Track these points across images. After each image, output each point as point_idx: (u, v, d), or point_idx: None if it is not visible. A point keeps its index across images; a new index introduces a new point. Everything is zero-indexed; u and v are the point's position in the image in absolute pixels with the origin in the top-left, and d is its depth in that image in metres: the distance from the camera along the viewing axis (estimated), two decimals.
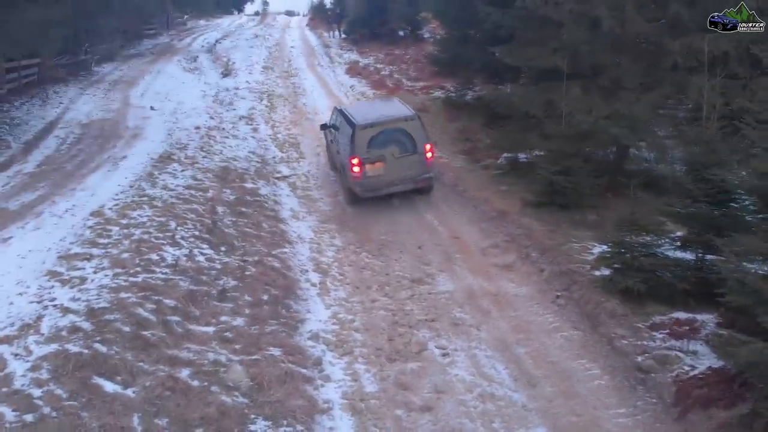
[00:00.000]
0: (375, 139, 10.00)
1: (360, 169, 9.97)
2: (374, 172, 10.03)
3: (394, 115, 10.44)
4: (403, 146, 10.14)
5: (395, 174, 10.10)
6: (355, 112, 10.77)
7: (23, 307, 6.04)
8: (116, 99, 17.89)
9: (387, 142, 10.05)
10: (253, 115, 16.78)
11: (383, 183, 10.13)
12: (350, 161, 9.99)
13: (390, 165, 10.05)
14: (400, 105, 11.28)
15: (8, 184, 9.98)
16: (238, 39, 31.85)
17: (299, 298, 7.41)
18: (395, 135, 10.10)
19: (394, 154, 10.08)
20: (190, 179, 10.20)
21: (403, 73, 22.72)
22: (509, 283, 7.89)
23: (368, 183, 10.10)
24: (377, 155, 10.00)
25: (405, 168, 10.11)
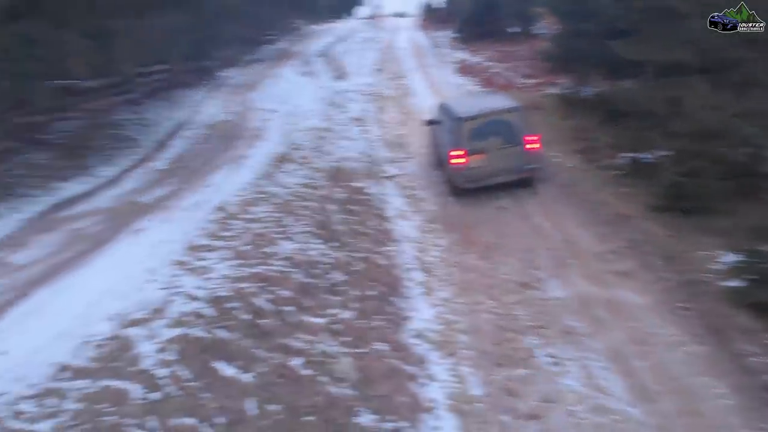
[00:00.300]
0: (477, 130, 10.10)
1: (463, 160, 10.12)
2: (476, 163, 10.15)
3: (497, 107, 10.51)
4: (506, 138, 10.17)
5: (497, 165, 10.14)
6: (458, 105, 10.91)
7: (153, 293, 6.59)
8: (238, 102, 19.04)
9: (489, 133, 10.12)
10: (364, 117, 17.16)
11: (485, 174, 10.22)
12: (452, 153, 10.20)
13: (492, 156, 10.13)
14: (503, 97, 11.34)
15: (142, 180, 10.95)
16: (350, 43, 32.75)
17: (403, 296, 7.47)
18: (497, 126, 10.15)
19: (496, 145, 10.14)
20: (305, 178, 10.63)
21: (515, 70, 22.22)
22: (627, 291, 7.43)
23: (470, 174, 10.23)
24: (479, 147, 10.12)
25: (507, 159, 10.15)
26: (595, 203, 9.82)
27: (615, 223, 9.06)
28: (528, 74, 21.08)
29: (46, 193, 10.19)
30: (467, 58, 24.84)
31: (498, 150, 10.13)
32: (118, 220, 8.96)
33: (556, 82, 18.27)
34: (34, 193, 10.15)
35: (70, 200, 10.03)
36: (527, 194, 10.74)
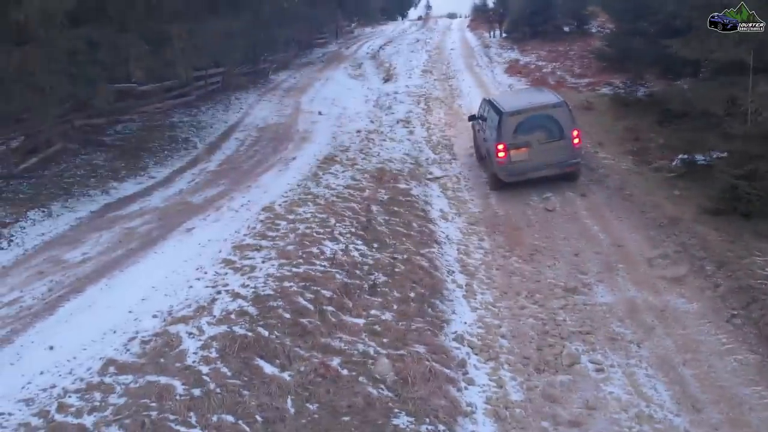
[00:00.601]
0: (521, 125, 10.30)
1: (505, 154, 10.30)
2: (519, 156, 10.35)
3: (541, 102, 10.70)
4: (550, 132, 10.32)
5: (540, 159, 10.32)
6: (503, 101, 11.13)
7: (200, 290, 6.79)
8: (289, 105, 19.41)
9: (533, 128, 10.32)
10: (410, 118, 17.16)
11: (528, 168, 10.40)
12: (496, 147, 10.38)
13: (535, 150, 10.30)
14: (548, 92, 11.56)
15: (193, 181, 11.30)
16: (399, 44, 32.81)
17: (445, 298, 7.43)
18: (541, 121, 10.33)
19: (540, 139, 10.32)
20: (350, 179, 10.73)
21: (567, 69, 21.76)
22: (678, 297, 7.17)
23: (513, 168, 10.43)
24: (523, 141, 10.30)
25: (550, 153, 10.31)
26: (647, 206, 9.51)
27: (667, 226, 8.75)
28: (580, 74, 20.61)
29: (102, 193, 10.65)
30: (518, 58, 24.51)
31: (541, 144, 10.30)
32: (170, 219, 9.28)
33: (609, 81, 17.80)
34: (90, 192, 10.64)
35: (125, 200, 10.45)
36: (577, 196, 10.53)
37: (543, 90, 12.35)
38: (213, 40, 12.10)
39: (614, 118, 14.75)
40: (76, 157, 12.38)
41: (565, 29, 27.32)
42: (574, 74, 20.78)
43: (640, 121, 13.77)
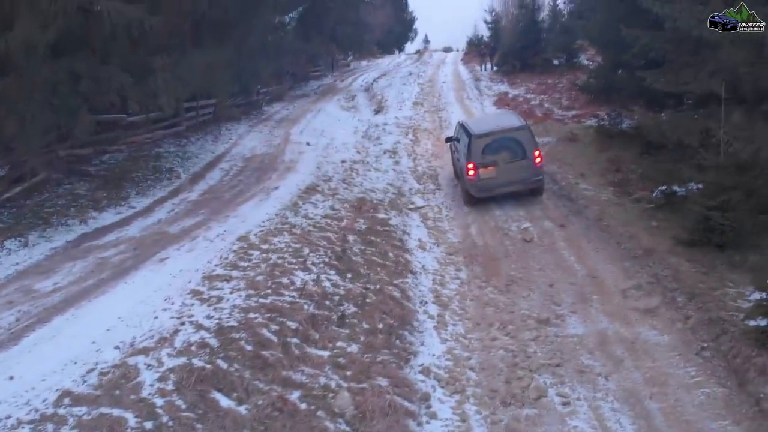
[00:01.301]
0: (489, 146, 11.30)
1: (475, 172, 11.30)
2: (487, 174, 11.32)
3: (506, 126, 11.72)
4: (514, 152, 11.30)
5: (506, 177, 11.29)
6: (473, 124, 12.21)
7: (165, 321, 6.70)
8: (279, 135, 19.52)
9: (499, 149, 11.33)
10: (397, 149, 17.27)
11: (495, 185, 11.39)
12: (467, 165, 11.39)
13: (501, 169, 11.29)
14: (513, 116, 12.68)
15: (173, 210, 11.28)
16: (393, 78, 33.22)
17: (415, 329, 7.34)
18: (506, 143, 11.34)
19: (505, 159, 11.29)
20: (329, 209, 10.73)
21: (555, 102, 21.99)
22: (649, 329, 7.08)
23: (482, 184, 11.42)
24: (490, 160, 11.27)
25: (515, 172, 11.29)
26: (624, 237, 9.48)
27: (642, 257, 8.71)
28: (567, 106, 20.84)
29: (80, 223, 10.62)
30: (507, 91, 24.81)
31: (507, 163, 11.27)
32: (145, 249, 9.23)
33: (595, 114, 17.95)
34: (69, 222, 10.61)
35: (102, 230, 10.41)
36: (555, 227, 10.51)
37: (509, 114, 13.64)
38: (197, 72, 12.24)
39: (598, 149, 14.84)
40: (59, 187, 12.39)
41: (554, 62, 27.72)
42: (562, 106, 21.00)
43: (622, 153, 13.84)
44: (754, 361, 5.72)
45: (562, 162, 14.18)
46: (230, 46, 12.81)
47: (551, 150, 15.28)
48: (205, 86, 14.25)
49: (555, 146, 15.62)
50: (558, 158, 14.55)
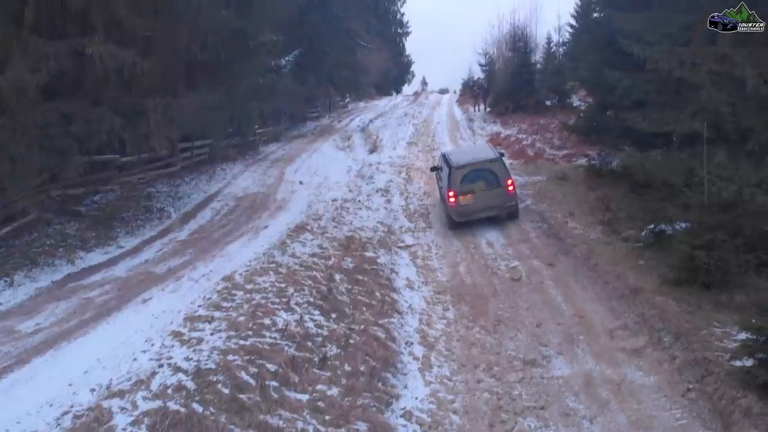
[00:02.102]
0: (467, 176, 12.52)
1: (455, 199, 12.51)
2: (466, 201, 12.53)
3: (482, 158, 12.97)
4: (488, 182, 12.53)
5: (482, 203, 12.52)
6: (453, 156, 13.43)
7: (144, 363, 6.60)
8: (273, 175, 19.66)
9: (476, 178, 12.53)
10: (390, 188, 17.35)
11: (473, 210, 12.56)
12: (448, 193, 12.64)
13: (478, 196, 12.49)
14: (489, 149, 14.05)
15: (161, 250, 11.25)
16: (389, 118, 33.66)
17: (399, 371, 7.21)
18: (482, 173, 12.57)
19: (481, 187, 12.49)
20: (317, 248, 10.70)
21: (547, 141, 22.20)
22: (636, 371, 6.97)
23: (461, 210, 12.60)
24: (468, 188, 12.46)
25: (490, 198, 12.48)
26: (611, 276, 9.44)
27: (629, 297, 8.64)
28: (559, 145, 21.01)
29: (67, 263, 10.59)
30: (499, 131, 25.09)
31: (483, 191, 12.48)
32: (129, 289, 9.17)
33: (586, 153, 18.11)
34: (56, 263, 10.58)
35: (89, 270, 10.38)
36: (544, 266, 10.47)
37: (485, 147, 15.14)
38: (189, 113, 12.40)
39: (587, 188, 14.91)
40: (49, 227, 12.38)
41: (547, 103, 28.15)
42: (553, 146, 21.20)
43: (612, 191, 13.90)
44: (739, 402, 5.61)
45: (552, 201, 14.23)
46: (223, 88, 13.01)
47: (542, 189, 15.38)
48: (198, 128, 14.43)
49: (546, 185, 15.71)
50: (548, 197, 14.62)
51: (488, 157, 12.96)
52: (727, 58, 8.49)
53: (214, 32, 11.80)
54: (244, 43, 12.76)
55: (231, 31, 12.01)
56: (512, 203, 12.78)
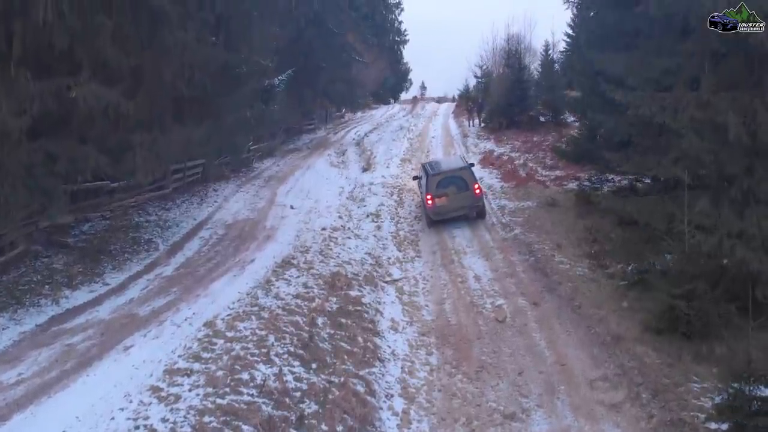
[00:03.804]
0: (441, 182, 15.05)
1: (432, 201, 15.04)
2: (441, 203, 15.03)
3: (454, 167, 15.80)
4: (459, 186, 15.03)
5: (454, 204, 15.00)
6: (430, 166, 16.29)
7: (121, 423, 6.61)
8: (264, 197, 19.57)
9: (449, 184, 15.03)
10: (380, 212, 17.38)
11: (447, 210, 15.06)
12: (425, 196, 15.23)
13: (451, 198, 14.96)
14: (459, 160, 17.09)
15: (146, 288, 11.23)
16: (384, 132, 33.68)
17: (377, 430, 7.21)
18: (454, 179, 15.08)
19: (453, 191, 14.97)
20: (301, 287, 10.69)
21: (539, 161, 22.18)
22: (613, 427, 6.99)
23: (437, 210, 15.12)
24: (442, 192, 14.98)
25: (461, 200, 14.99)
26: (594, 320, 9.45)
27: (610, 344, 8.66)
28: (551, 165, 20.93)
29: (52, 303, 10.55)
30: (493, 149, 25.08)
31: (455, 194, 14.95)
32: (112, 335, 9.16)
33: (577, 176, 18.13)
34: (41, 302, 10.54)
35: (73, 311, 10.34)
36: (529, 305, 10.48)
37: (458, 158, 18.03)
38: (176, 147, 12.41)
39: (576, 215, 14.89)
40: (36, 260, 12.37)
41: (541, 119, 28.14)
42: (546, 166, 21.17)
43: (601, 220, 13.85)
44: None
45: (541, 230, 14.23)
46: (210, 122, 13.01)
47: (531, 216, 15.39)
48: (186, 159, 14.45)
49: (535, 212, 15.71)
50: (537, 225, 14.62)
51: (458, 166, 15.81)
52: (710, 105, 8.51)
53: (201, 67, 11.78)
54: (232, 73, 12.76)
55: (218, 64, 12.00)
56: (479, 204, 15.32)
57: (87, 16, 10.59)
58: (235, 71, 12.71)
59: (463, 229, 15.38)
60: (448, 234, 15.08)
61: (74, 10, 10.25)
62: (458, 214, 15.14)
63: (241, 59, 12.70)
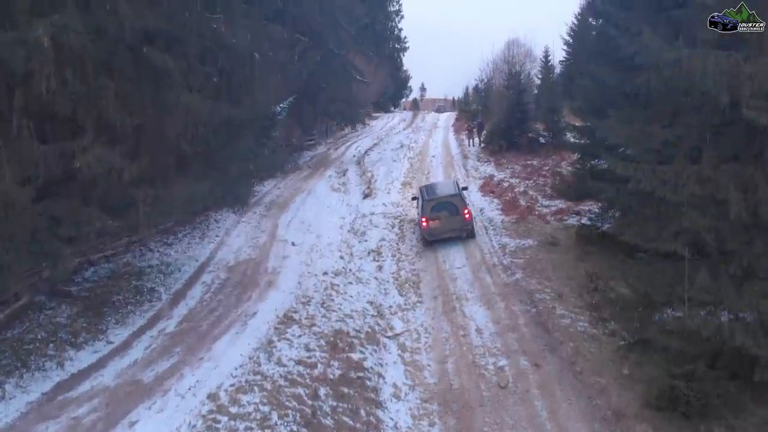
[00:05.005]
0: (435, 206, 16.89)
1: (427, 223, 16.85)
2: (434, 225, 16.84)
3: (447, 193, 17.52)
4: (450, 211, 16.83)
5: (446, 227, 16.81)
6: (426, 191, 17.99)
7: None
8: (266, 229, 19.55)
9: (441, 208, 16.87)
10: (382, 248, 17.47)
11: (439, 231, 16.83)
12: (421, 219, 17.10)
13: (443, 221, 16.76)
14: (452, 186, 18.44)
15: (149, 347, 11.28)
16: (384, 150, 33.69)
17: None
18: (446, 205, 16.91)
19: (445, 215, 16.77)
20: (303, 350, 10.77)
21: (539, 189, 22.20)
22: None
23: (431, 231, 16.89)
24: (436, 216, 16.80)
25: (452, 223, 16.76)
26: (595, 390, 9.52)
27: (611, 419, 8.75)
28: (551, 194, 20.87)
29: (57, 366, 10.62)
30: (493, 174, 25.12)
31: (447, 218, 16.76)
32: (116, 406, 9.22)
33: (577, 210, 18.20)
34: (46, 366, 10.61)
35: (78, 375, 10.42)
36: (530, 366, 10.56)
37: (451, 184, 19.16)
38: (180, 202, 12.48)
39: (577, 257, 14.96)
40: (40, 313, 12.45)
41: (540, 140, 28.19)
42: (545, 194, 21.15)
43: (602, 262, 13.90)
44: None
45: (542, 275, 14.28)
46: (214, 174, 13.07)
47: (532, 258, 15.42)
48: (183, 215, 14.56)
49: (536, 253, 15.74)
50: (538, 269, 14.66)
51: (451, 192, 17.52)
52: (711, 180, 8.57)
53: (204, 122, 11.84)
54: (235, 123, 12.82)
55: (222, 118, 12.05)
56: (469, 227, 17.05)
57: (90, 78, 10.67)
58: (238, 122, 12.73)
59: (464, 269, 15.48)
60: (449, 276, 15.15)
61: (77, 76, 10.32)
62: (449, 235, 16.89)
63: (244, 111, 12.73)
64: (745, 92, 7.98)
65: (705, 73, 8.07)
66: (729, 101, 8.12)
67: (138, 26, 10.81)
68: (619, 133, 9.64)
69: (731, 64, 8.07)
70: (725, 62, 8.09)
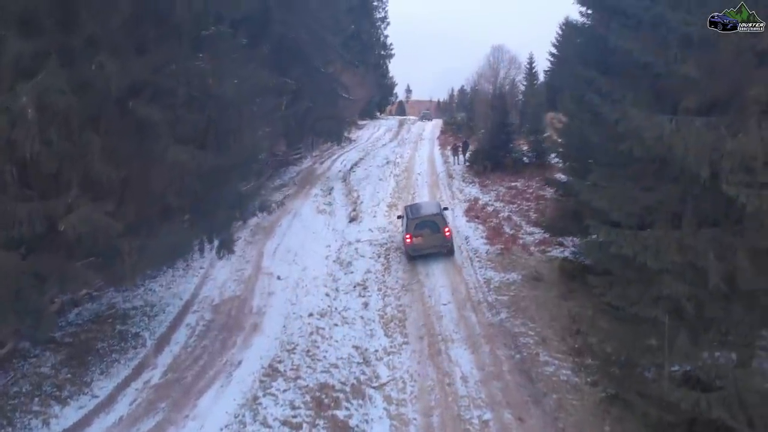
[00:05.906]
0: (418, 224, 18.26)
1: (410, 240, 18.25)
2: (417, 241, 18.20)
3: (429, 212, 19.01)
4: (432, 228, 18.17)
5: (428, 243, 18.13)
6: (410, 210, 19.58)
7: None
8: (251, 259, 19.52)
9: (424, 226, 18.22)
10: (367, 281, 17.59)
11: (422, 247, 18.21)
12: (405, 235, 18.58)
13: (425, 238, 18.12)
14: (434, 206, 20.22)
15: (135, 401, 11.23)
16: (370, 165, 33.87)
17: None
18: (428, 223, 18.29)
19: (428, 233, 18.10)
20: (288, 408, 10.82)
21: (523, 214, 22.49)
22: None
23: (414, 247, 18.27)
24: (419, 233, 18.14)
25: (434, 240, 18.09)
26: None
27: None
28: (535, 220, 21.10)
29: (43, 426, 10.57)
30: (477, 196, 25.34)
31: (429, 235, 18.08)
32: None
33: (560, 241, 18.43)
34: (32, 424, 10.56)
35: None
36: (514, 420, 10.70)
37: (432, 203, 21.46)
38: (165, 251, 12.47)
39: (560, 295, 15.17)
40: (24, 361, 12.38)
41: (525, 160, 28.50)
42: (530, 220, 21.42)
43: (585, 302, 14.09)
44: None
45: (525, 315, 14.47)
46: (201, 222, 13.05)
47: (516, 296, 15.59)
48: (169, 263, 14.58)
49: (519, 290, 15.93)
50: (521, 309, 14.83)
51: (433, 212, 18.98)
52: (690, 248, 8.76)
53: (190, 172, 11.82)
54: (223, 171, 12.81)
55: (209, 168, 12.04)
56: (448, 244, 18.38)
57: (75, 135, 10.62)
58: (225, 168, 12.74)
59: (450, 306, 15.60)
60: (435, 314, 15.26)
61: (62, 135, 10.27)
62: (431, 251, 18.28)
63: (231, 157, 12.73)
64: (726, 166, 8.18)
65: (686, 149, 8.26)
66: (709, 174, 8.31)
67: (125, 81, 10.75)
68: (602, 195, 9.80)
69: (713, 138, 8.27)
70: (707, 136, 8.29)
